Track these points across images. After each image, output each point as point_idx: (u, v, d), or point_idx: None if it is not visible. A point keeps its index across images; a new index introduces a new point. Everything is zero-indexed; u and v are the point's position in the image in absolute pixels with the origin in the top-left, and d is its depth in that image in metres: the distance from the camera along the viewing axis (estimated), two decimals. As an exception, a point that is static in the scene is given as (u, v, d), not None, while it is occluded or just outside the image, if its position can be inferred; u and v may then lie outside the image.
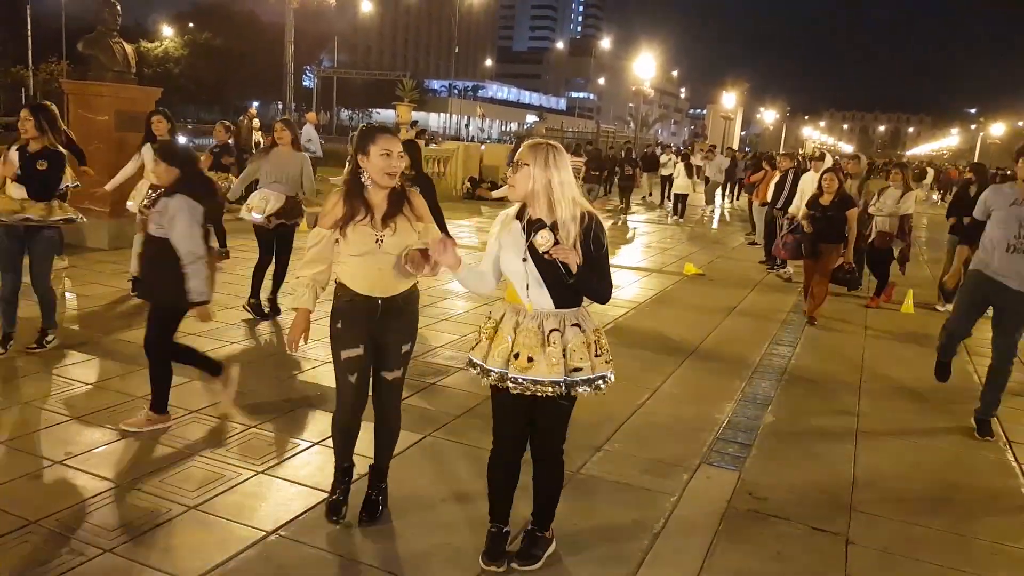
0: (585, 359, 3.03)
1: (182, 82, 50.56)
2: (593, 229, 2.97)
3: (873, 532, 3.83)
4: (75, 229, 9.48)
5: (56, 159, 5.47)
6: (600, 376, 3.07)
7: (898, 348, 7.48)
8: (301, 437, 4.46)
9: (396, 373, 3.52)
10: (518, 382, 2.99)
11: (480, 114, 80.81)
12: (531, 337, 3.00)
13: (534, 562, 3.29)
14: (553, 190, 2.93)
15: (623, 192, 19.40)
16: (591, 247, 2.96)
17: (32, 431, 4.29)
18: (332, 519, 3.54)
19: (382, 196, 3.32)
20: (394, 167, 3.27)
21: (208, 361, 4.76)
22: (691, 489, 4.16)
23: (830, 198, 7.87)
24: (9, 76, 46.25)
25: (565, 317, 3.04)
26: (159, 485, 3.77)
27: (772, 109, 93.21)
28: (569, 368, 3.00)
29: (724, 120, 45.82)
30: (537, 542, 3.35)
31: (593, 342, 3.08)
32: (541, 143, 3.00)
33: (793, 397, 5.80)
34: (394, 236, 3.30)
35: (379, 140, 3.26)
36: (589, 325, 3.11)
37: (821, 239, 7.94)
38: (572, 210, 2.96)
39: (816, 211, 7.95)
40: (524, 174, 2.96)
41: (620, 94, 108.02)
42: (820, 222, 7.89)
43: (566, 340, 3.02)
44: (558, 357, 2.98)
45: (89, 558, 3.14)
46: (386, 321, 3.40)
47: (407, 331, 3.51)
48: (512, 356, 3.01)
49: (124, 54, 10.09)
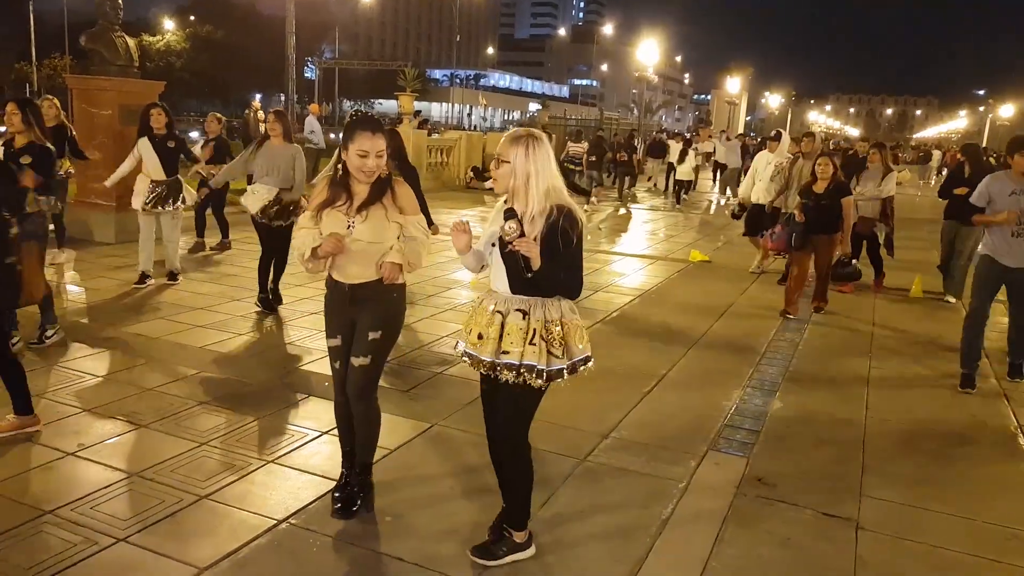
0: (516, 344, 2.98)
1: (184, 75, 50.58)
2: (560, 224, 2.92)
3: (884, 517, 3.84)
4: (81, 223, 9.56)
5: (42, 154, 5.42)
6: (528, 365, 2.96)
7: (908, 334, 7.46)
8: (309, 427, 4.48)
9: (363, 360, 3.41)
10: (470, 356, 3.12)
11: (482, 103, 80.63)
12: (483, 316, 3.10)
13: (489, 558, 3.21)
14: (528, 183, 2.94)
15: (621, 178, 19.18)
16: (558, 242, 2.91)
17: (45, 423, 4.31)
18: (335, 506, 3.53)
19: (364, 185, 3.34)
20: (368, 168, 3.26)
21: (25, 397, 4.26)
22: (699, 476, 4.17)
23: (824, 185, 7.43)
24: (12, 72, 46.28)
25: (511, 302, 3.05)
26: (170, 475, 3.80)
27: (777, 93, 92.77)
28: (499, 350, 3.01)
29: (729, 105, 45.60)
30: (499, 539, 3.26)
31: (534, 330, 2.99)
32: (521, 135, 3.00)
33: (801, 383, 5.80)
34: (364, 223, 3.31)
35: (356, 139, 3.23)
36: (539, 315, 3.01)
37: (814, 230, 7.42)
38: (542, 203, 2.94)
39: (809, 200, 7.45)
40: (506, 169, 2.97)
41: (623, 81, 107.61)
42: (813, 212, 7.39)
43: (506, 323, 3.03)
44: (494, 337, 3.03)
45: (103, 547, 3.17)
46: (358, 307, 3.43)
47: (378, 319, 3.43)
48: (467, 332, 3.15)
49: (127, 48, 10.09)
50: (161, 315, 6.64)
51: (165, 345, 5.85)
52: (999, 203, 5.54)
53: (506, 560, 3.22)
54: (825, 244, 7.56)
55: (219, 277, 8.24)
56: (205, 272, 8.49)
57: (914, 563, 3.49)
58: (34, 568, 3.00)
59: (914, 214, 16.13)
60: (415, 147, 18.02)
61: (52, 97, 8.60)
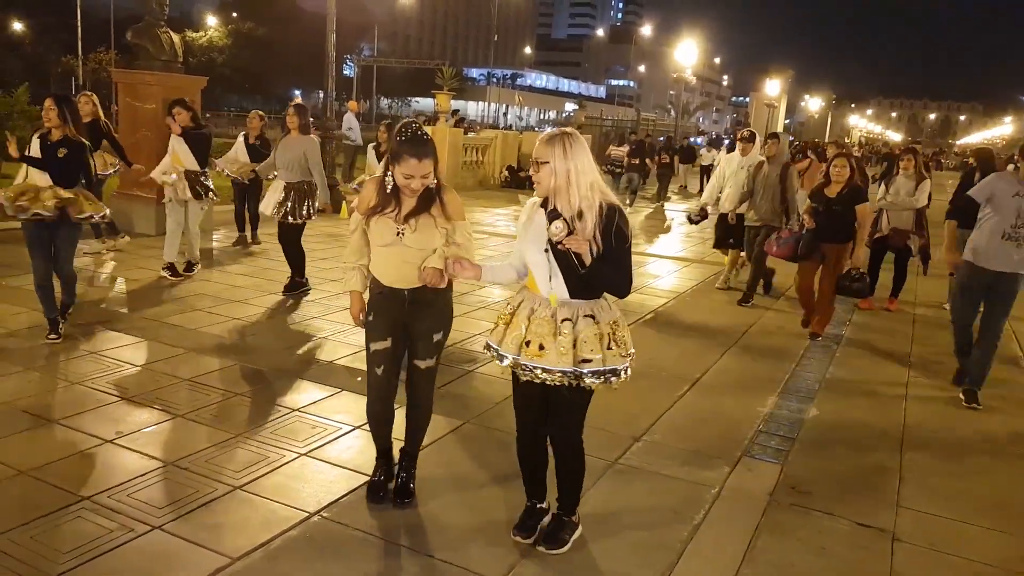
0: (596, 351, 3.00)
1: (225, 71, 51.27)
2: (616, 220, 2.93)
3: (920, 529, 3.76)
4: (123, 214, 9.74)
5: (76, 148, 5.58)
6: (611, 369, 3.03)
7: (948, 344, 7.28)
8: (343, 421, 4.51)
9: (429, 362, 3.54)
10: (528, 369, 3.03)
11: (519, 102, 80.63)
12: (543, 326, 3.02)
13: (560, 546, 3.30)
14: (570, 181, 2.92)
15: (661, 181, 19.19)
16: (612, 239, 2.92)
17: (83, 411, 4.40)
18: (372, 499, 3.60)
19: (416, 195, 3.33)
20: (413, 188, 3.27)
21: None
22: (732, 481, 4.12)
23: (838, 189, 6.66)
24: (59, 66, 47.28)
25: (579, 308, 3.03)
26: (205, 465, 3.85)
27: (817, 97, 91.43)
28: (578, 359, 2.99)
29: (767, 108, 45.04)
30: (563, 526, 3.37)
31: (607, 334, 3.04)
32: (556, 135, 2.98)
33: (838, 391, 5.71)
34: (415, 233, 3.32)
35: (402, 163, 3.21)
36: (605, 317, 3.06)
37: (824, 238, 6.68)
38: (590, 199, 2.93)
39: (820, 204, 6.72)
40: (546, 170, 2.95)
41: (660, 82, 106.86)
42: (824, 217, 6.65)
43: (577, 331, 3.00)
44: (567, 347, 2.98)
45: (139, 534, 3.22)
46: (416, 311, 3.45)
47: (439, 320, 3.52)
48: (524, 343, 3.04)
49: (171, 44, 10.25)
50: (198, 307, 6.73)
51: (202, 336, 5.93)
52: (1000, 202, 5.26)
53: (571, 543, 3.33)
54: (834, 254, 6.73)
55: (256, 271, 8.34)
56: (241, 264, 8.60)
57: (952, 577, 3.42)
58: (71, 552, 3.06)
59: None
60: (451, 145, 18.08)
61: (91, 93, 8.77)
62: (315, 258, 8.40)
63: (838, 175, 6.67)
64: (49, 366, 5.08)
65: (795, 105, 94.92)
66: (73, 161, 5.53)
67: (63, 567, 2.96)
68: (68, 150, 5.51)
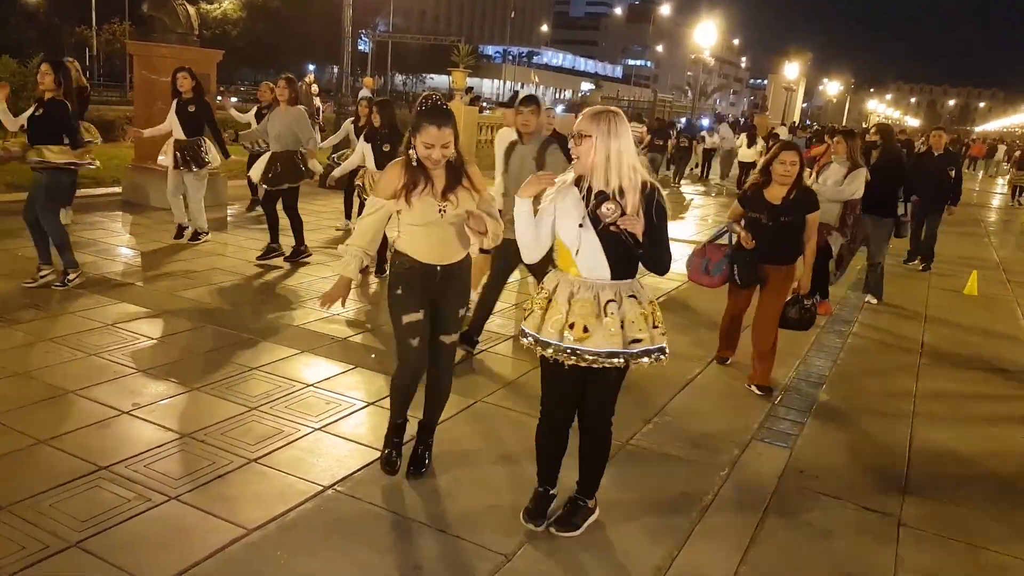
0: (644, 330, 3.03)
1: (239, 44, 51.06)
2: (656, 198, 2.97)
3: (927, 514, 3.78)
4: (138, 187, 9.80)
5: (54, 106, 5.86)
6: (659, 348, 3.09)
7: (961, 331, 7.28)
8: (357, 397, 4.56)
9: (454, 336, 3.62)
10: (576, 353, 2.99)
11: (535, 81, 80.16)
12: (587, 307, 2.99)
13: (573, 530, 3.32)
14: (612, 159, 2.91)
15: (678, 163, 19.16)
16: (654, 216, 2.95)
17: (101, 382, 4.46)
18: (386, 470, 3.65)
19: (440, 170, 3.34)
20: (434, 158, 3.26)
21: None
22: (741, 464, 4.14)
23: (783, 192, 4.99)
24: (73, 36, 47.26)
25: (621, 288, 3.05)
26: (221, 438, 3.90)
27: (836, 80, 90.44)
28: (628, 339, 3.00)
29: (786, 91, 44.62)
30: (579, 511, 3.38)
31: (650, 314, 3.09)
32: (602, 111, 2.96)
33: (848, 376, 5.71)
34: (456, 208, 3.35)
35: (423, 131, 3.22)
36: (645, 297, 3.12)
37: (766, 257, 5.05)
38: (633, 179, 2.94)
39: (761, 213, 5.02)
40: (587, 145, 2.94)
41: (678, 62, 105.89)
42: (767, 232, 4.99)
43: (624, 311, 3.02)
44: (616, 328, 2.98)
45: (155, 504, 3.28)
46: (445, 286, 3.48)
47: (464, 296, 3.60)
48: (567, 326, 3.00)
49: (187, 16, 10.26)
50: (214, 281, 6.78)
51: (218, 311, 5.99)
52: None
53: (584, 527, 3.34)
54: (780, 278, 5.12)
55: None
56: (255, 240, 8.63)
57: (956, 562, 3.44)
58: (89, 521, 3.12)
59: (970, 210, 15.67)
60: (466, 124, 18.00)
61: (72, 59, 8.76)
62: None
63: (785, 174, 4.95)
64: (65, 337, 5.14)
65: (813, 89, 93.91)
66: (49, 118, 5.84)
67: (81, 535, 3.03)
68: (44, 109, 5.84)
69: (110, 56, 48.20)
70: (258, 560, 3.01)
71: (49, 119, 5.87)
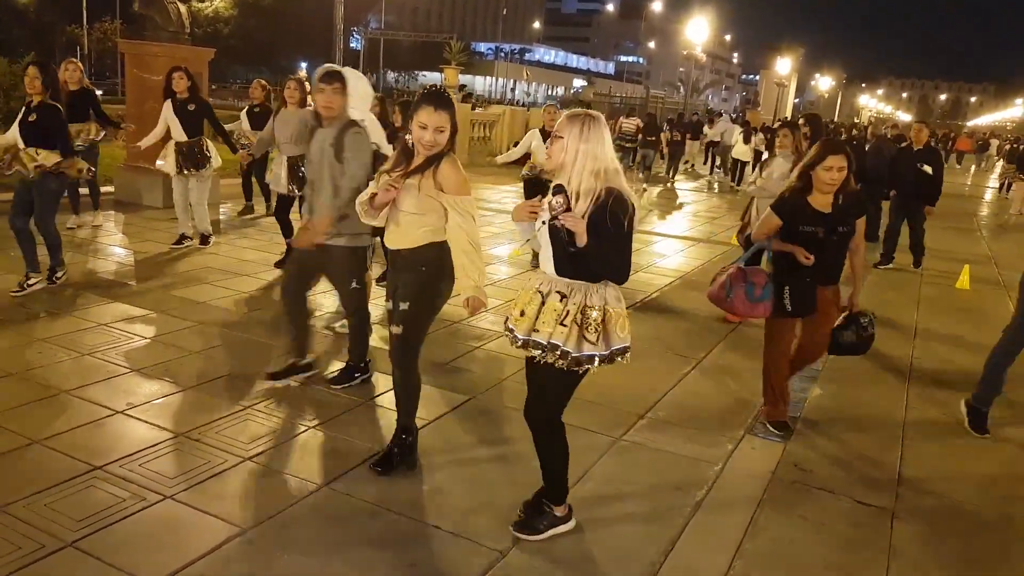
0: (547, 324, 2.99)
1: (231, 42, 50.86)
2: (610, 205, 2.87)
3: (920, 508, 3.80)
4: (131, 187, 9.77)
5: (47, 111, 5.82)
6: (553, 344, 2.96)
7: (953, 326, 7.32)
8: (352, 395, 4.56)
9: (396, 328, 3.62)
10: (507, 330, 3.14)
11: (527, 78, 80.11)
12: (527, 295, 3.11)
13: (529, 533, 3.25)
14: (576, 161, 2.92)
15: (672, 159, 19.17)
16: (606, 222, 2.87)
17: (95, 381, 4.45)
18: (380, 472, 3.65)
19: (422, 157, 3.45)
20: (426, 141, 3.35)
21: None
22: (735, 459, 4.16)
23: (830, 198, 4.27)
24: (63, 35, 47.02)
25: (555, 283, 3.04)
26: (215, 437, 3.90)
27: (828, 76, 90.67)
28: (532, 329, 3.03)
29: (778, 87, 44.71)
30: (540, 514, 3.29)
31: (568, 312, 2.97)
32: (579, 114, 2.99)
33: (842, 372, 5.73)
34: (406, 192, 3.43)
35: (418, 112, 3.37)
36: (578, 299, 2.98)
37: (823, 277, 4.39)
38: (590, 183, 2.89)
39: (817, 226, 4.26)
40: (559, 144, 2.97)
41: (670, 58, 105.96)
42: (825, 247, 4.28)
43: (545, 304, 3.03)
44: (531, 316, 3.04)
45: (151, 503, 3.28)
46: (396, 275, 3.63)
47: (409, 292, 3.57)
48: (513, 308, 3.15)
49: (179, 14, 10.23)
50: (207, 280, 6.77)
51: (210, 309, 5.98)
52: None
53: (547, 534, 3.26)
54: (826, 302, 4.46)
55: (264, 244, 8.37)
56: (249, 239, 8.63)
57: (949, 554, 3.46)
58: (85, 520, 3.11)
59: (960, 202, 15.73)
60: (459, 121, 18.00)
61: (75, 60, 8.61)
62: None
63: (832, 180, 4.18)
64: (59, 337, 5.13)
65: (805, 84, 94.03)
66: (43, 125, 5.80)
67: (77, 534, 3.02)
68: (39, 115, 5.79)
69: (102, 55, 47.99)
70: (253, 558, 3.01)
71: (42, 125, 5.79)
